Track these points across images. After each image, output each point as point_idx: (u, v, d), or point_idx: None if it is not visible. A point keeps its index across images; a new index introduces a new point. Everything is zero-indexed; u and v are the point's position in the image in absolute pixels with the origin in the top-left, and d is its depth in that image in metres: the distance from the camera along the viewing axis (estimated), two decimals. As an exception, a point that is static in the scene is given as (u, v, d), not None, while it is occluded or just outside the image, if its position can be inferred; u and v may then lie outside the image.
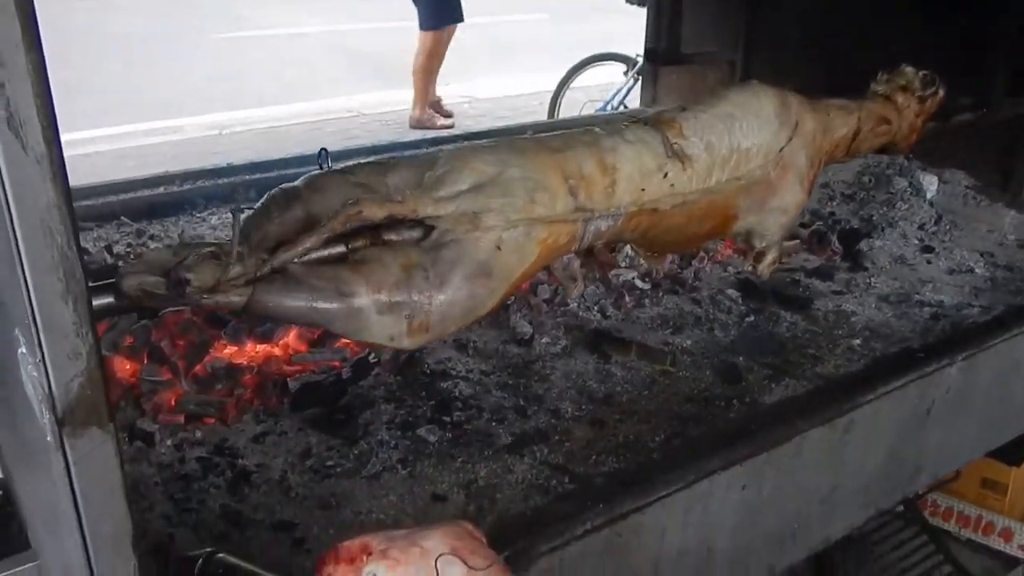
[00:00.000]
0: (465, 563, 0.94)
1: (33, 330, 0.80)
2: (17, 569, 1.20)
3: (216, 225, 2.78)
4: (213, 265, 1.08)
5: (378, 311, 1.24)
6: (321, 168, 1.33)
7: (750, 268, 1.78)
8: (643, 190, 1.45)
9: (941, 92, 1.98)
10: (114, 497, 0.89)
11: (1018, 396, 2.20)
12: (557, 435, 1.73)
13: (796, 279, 2.47)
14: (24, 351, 0.88)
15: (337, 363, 1.91)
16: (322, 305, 1.20)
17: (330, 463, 1.63)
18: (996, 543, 2.71)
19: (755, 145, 1.58)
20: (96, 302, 0.94)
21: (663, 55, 2.99)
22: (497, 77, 8.72)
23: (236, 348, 1.93)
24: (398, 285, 1.25)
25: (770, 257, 1.74)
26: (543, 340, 2.07)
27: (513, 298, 2.20)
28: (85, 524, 0.88)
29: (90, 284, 0.86)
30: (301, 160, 3.12)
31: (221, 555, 1.19)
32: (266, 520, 1.50)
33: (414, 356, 1.96)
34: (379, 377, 1.90)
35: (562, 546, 1.30)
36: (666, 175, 1.47)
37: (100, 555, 0.90)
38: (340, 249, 1.24)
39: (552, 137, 1.45)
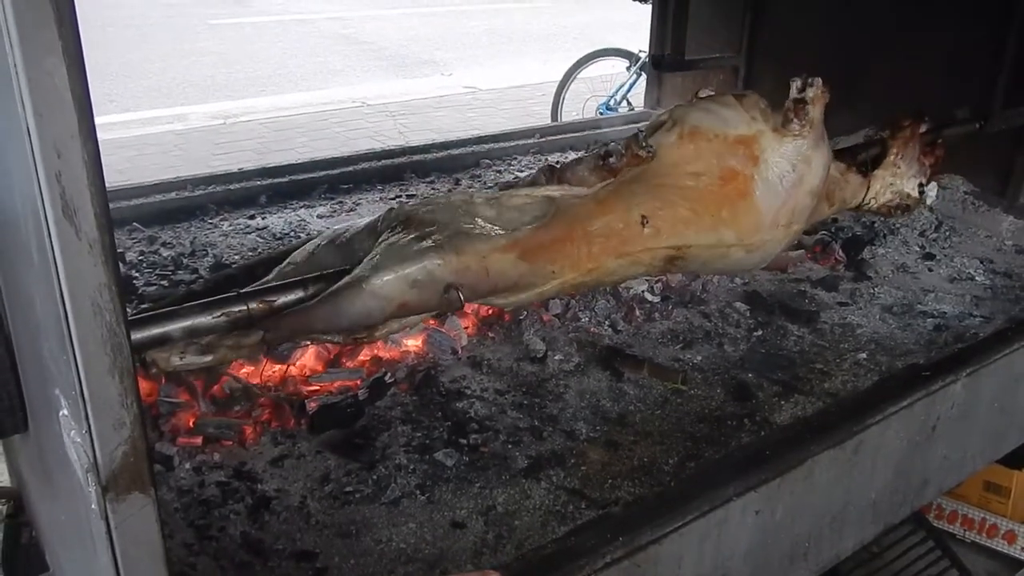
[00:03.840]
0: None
1: (81, 403, 0.82)
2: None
3: (227, 232, 2.81)
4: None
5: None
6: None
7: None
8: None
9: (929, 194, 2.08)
10: (154, 560, 0.92)
11: (1019, 406, 2.23)
12: (573, 458, 1.76)
13: (802, 289, 2.50)
14: (66, 413, 0.91)
15: (354, 383, 1.94)
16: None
17: (349, 489, 1.66)
18: (1000, 545, 2.76)
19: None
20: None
21: (668, 63, 3.00)
22: (499, 67, 8.72)
23: (253, 369, 1.95)
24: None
25: None
26: (556, 357, 2.10)
27: (526, 313, 2.22)
28: (126, 586, 0.90)
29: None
30: (313, 165, 3.15)
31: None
32: (287, 549, 1.52)
33: (430, 374, 1.98)
34: (396, 397, 1.93)
35: (584, 579, 1.33)
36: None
37: (142, 615, 0.92)
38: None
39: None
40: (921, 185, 2.12)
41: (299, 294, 1.42)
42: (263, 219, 2.91)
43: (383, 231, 1.45)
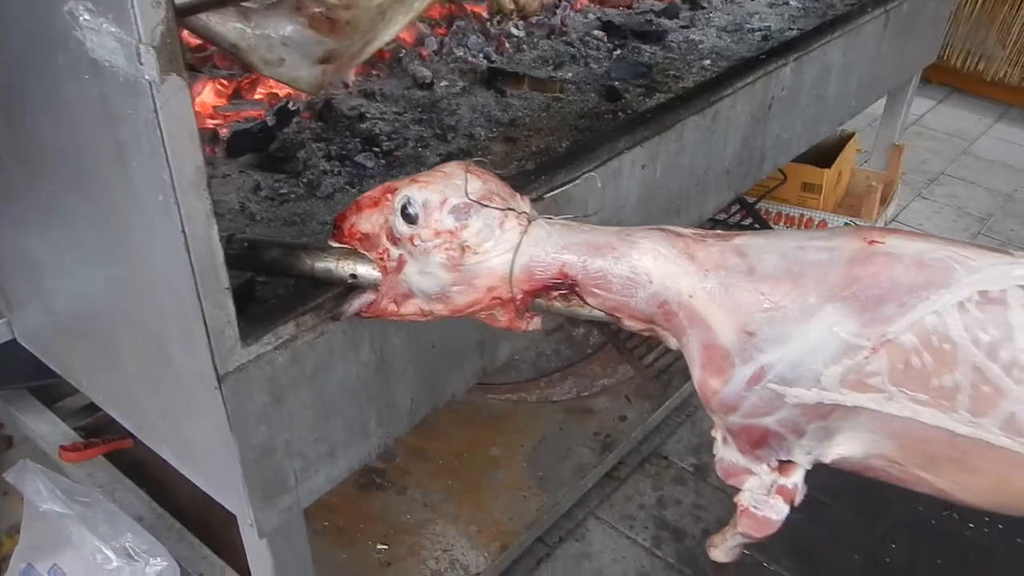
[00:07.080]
0: (487, 175, 1.17)
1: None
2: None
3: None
4: None
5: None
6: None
7: None
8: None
9: None
10: (192, 140, 1.05)
11: (829, 97, 2.63)
12: (479, 152, 1.96)
13: (648, 19, 2.75)
14: (88, 18, 0.99)
15: (259, 114, 2.03)
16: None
17: (283, 191, 1.80)
18: (816, 233, 3.27)
19: None
20: None
21: None
22: None
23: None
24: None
25: None
26: (442, 84, 2.26)
27: (404, 51, 2.35)
28: (171, 164, 1.03)
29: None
30: None
31: (240, 235, 1.37)
32: (241, 240, 1.66)
33: (329, 104, 2.10)
34: (301, 124, 2.04)
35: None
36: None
37: (184, 195, 1.06)
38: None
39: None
40: None
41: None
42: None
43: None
